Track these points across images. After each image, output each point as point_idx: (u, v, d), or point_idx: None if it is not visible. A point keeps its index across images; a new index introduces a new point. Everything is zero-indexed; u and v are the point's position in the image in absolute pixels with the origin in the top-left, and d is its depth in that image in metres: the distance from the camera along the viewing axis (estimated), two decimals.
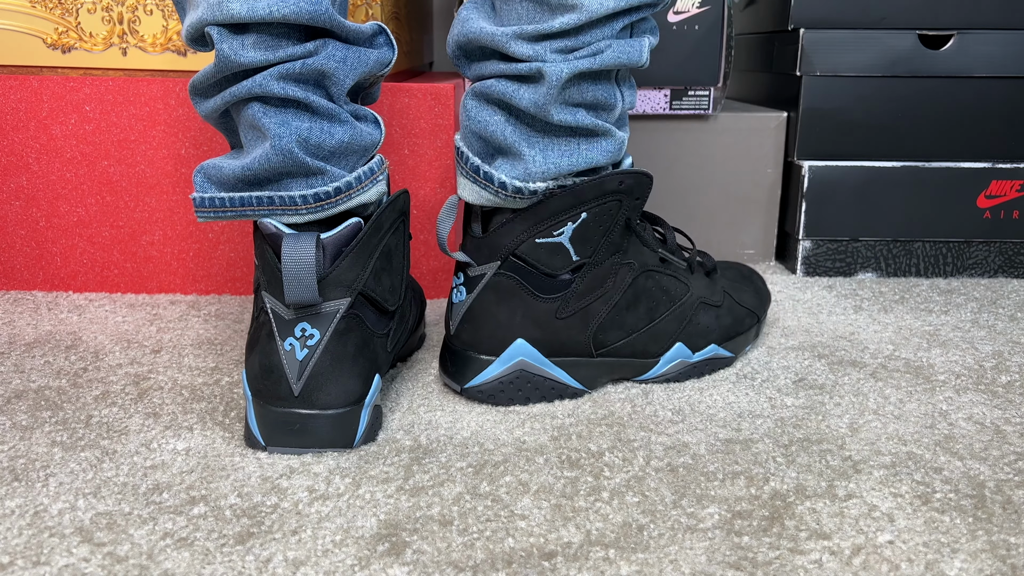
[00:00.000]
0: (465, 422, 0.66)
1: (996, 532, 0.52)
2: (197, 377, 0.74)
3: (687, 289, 0.74)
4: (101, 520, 0.53)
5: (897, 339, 0.84)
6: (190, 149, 0.91)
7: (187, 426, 0.65)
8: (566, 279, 0.68)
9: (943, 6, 1.00)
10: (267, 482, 0.57)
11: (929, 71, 1.02)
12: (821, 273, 1.06)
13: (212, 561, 0.49)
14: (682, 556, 0.50)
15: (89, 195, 0.92)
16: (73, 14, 0.92)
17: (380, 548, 0.50)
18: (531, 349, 0.68)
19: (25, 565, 0.49)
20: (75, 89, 0.90)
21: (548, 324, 0.68)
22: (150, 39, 0.92)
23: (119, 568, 0.49)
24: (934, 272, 1.06)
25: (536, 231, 0.66)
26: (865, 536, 0.52)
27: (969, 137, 1.04)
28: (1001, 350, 0.81)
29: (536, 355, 0.68)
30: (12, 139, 0.91)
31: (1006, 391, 0.73)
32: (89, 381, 0.73)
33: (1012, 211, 1.03)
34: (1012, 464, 0.61)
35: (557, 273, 0.67)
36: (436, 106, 0.91)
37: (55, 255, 0.95)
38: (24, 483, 0.57)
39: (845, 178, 1.03)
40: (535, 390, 0.69)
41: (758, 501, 0.55)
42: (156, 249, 0.94)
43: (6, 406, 0.68)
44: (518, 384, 0.69)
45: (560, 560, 0.49)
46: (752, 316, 0.79)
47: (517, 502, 0.55)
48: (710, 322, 0.75)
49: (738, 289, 0.80)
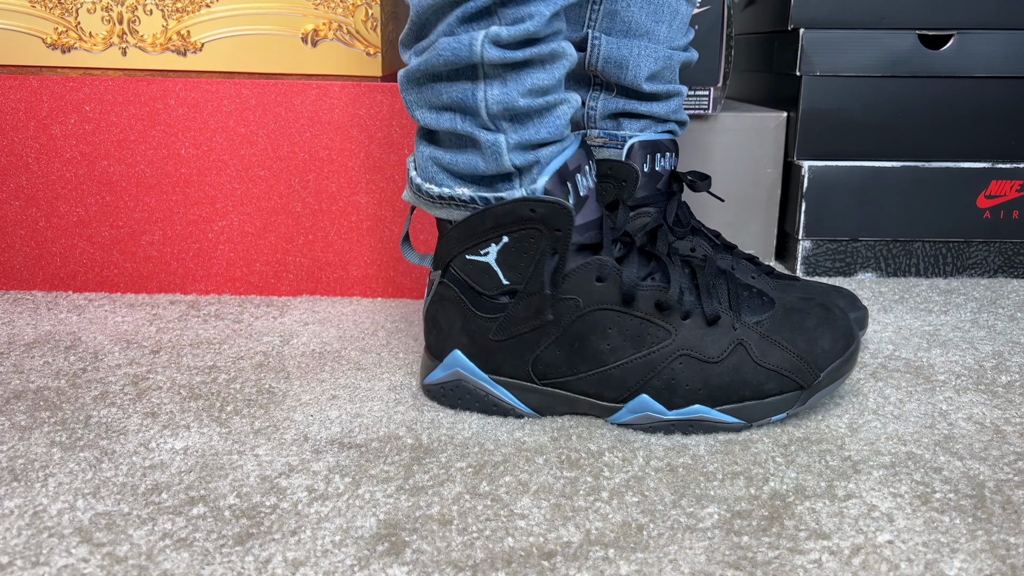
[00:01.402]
0: (467, 422, 0.66)
1: (996, 532, 0.52)
2: (196, 377, 0.74)
3: (667, 335, 0.64)
4: (100, 520, 0.53)
5: (897, 339, 0.84)
6: (190, 149, 0.91)
7: (185, 425, 0.65)
8: (503, 302, 0.65)
9: (943, 6, 1.00)
10: (266, 482, 0.57)
11: (929, 71, 1.02)
12: (821, 273, 1.06)
13: (211, 561, 0.49)
14: (682, 556, 0.50)
15: (89, 195, 0.92)
16: (73, 14, 0.92)
17: (380, 548, 0.50)
18: (467, 362, 0.67)
19: (24, 565, 0.49)
20: (75, 89, 0.90)
21: (483, 342, 0.66)
22: (150, 39, 0.92)
23: (118, 568, 0.49)
24: (934, 272, 1.06)
25: (464, 246, 0.65)
26: (865, 536, 0.52)
27: (969, 137, 1.04)
28: (1001, 350, 0.81)
29: (473, 368, 0.67)
30: (12, 139, 0.91)
31: (1006, 391, 0.72)
32: (88, 381, 0.73)
33: (1012, 211, 1.03)
34: (1012, 464, 0.60)
35: (492, 294, 0.65)
36: None
37: (55, 255, 0.94)
38: (23, 483, 0.57)
39: (845, 178, 1.03)
40: (475, 402, 0.68)
41: (757, 501, 0.55)
42: (156, 249, 0.94)
43: (5, 406, 0.68)
44: (458, 392, 0.68)
45: (560, 560, 0.49)
46: (783, 380, 0.64)
47: (517, 502, 0.55)
48: (692, 378, 0.64)
49: (791, 338, 0.65)
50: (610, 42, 0.78)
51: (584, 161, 0.64)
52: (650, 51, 0.78)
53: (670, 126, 0.83)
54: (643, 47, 0.78)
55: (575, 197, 0.63)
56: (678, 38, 0.81)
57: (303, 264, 0.94)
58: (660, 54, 0.79)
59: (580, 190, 0.64)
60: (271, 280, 0.95)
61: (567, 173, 0.63)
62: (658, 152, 0.80)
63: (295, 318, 0.89)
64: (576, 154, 0.64)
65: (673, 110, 0.82)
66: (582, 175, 0.64)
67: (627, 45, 0.78)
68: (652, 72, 0.79)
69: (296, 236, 0.94)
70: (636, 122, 0.81)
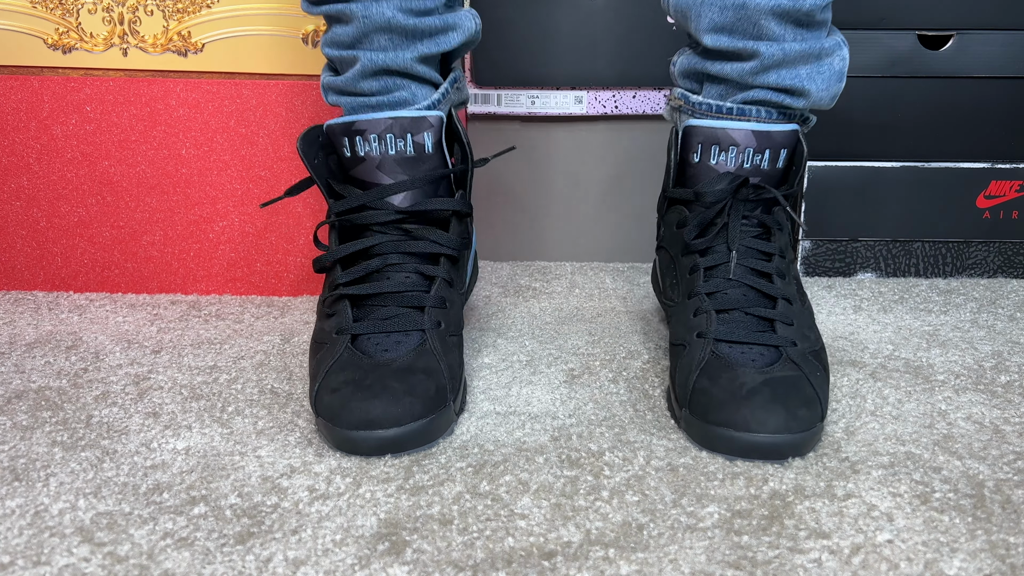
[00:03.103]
0: (466, 423, 0.66)
1: (995, 531, 0.52)
2: (197, 377, 0.74)
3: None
4: (101, 520, 0.53)
5: (896, 339, 0.84)
6: (191, 149, 0.91)
7: (187, 426, 0.65)
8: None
9: (943, 6, 1.00)
10: (267, 482, 0.57)
11: (929, 71, 1.02)
12: (820, 273, 1.06)
13: (212, 561, 0.49)
14: (682, 555, 0.50)
15: (90, 195, 0.93)
16: (74, 14, 0.92)
17: (380, 547, 0.51)
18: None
19: (25, 565, 0.49)
20: (76, 89, 0.90)
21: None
22: (151, 39, 0.92)
23: (119, 568, 0.49)
24: (933, 272, 1.06)
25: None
26: (864, 535, 0.52)
27: (969, 137, 1.04)
28: (1000, 350, 0.81)
29: None
30: (13, 139, 0.91)
31: (1005, 391, 0.73)
32: (89, 381, 0.73)
33: (1011, 211, 1.03)
34: (1011, 464, 0.61)
35: None
36: None
37: (56, 255, 0.95)
38: (24, 483, 0.57)
39: (845, 178, 1.03)
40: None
41: (757, 501, 0.55)
42: (157, 249, 0.94)
43: (6, 406, 0.68)
44: None
45: (560, 560, 0.50)
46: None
47: (517, 501, 0.55)
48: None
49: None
50: None
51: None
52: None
53: (755, 93, 0.68)
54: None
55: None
56: None
57: (304, 264, 0.95)
58: (731, 2, 0.67)
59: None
60: (272, 280, 0.95)
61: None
62: (716, 144, 0.68)
63: (296, 318, 0.89)
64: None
65: (752, 72, 0.68)
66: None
67: None
68: (717, 24, 0.68)
69: (297, 236, 0.94)
70: (715, 86, 0.72)
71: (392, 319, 0.66)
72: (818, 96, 0.71)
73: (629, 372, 0.75)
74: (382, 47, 0.71)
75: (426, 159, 0.70)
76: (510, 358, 0.78)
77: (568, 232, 1.09)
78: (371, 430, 0.59)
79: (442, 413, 0.62)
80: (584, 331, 0.85)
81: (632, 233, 1.09)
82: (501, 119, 1.05)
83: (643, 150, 1.07)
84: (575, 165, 1.07)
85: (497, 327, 0.86)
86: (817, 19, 0.69)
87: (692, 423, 0.62)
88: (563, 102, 1.03)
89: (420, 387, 0.62)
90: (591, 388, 0.72)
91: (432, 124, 0.69)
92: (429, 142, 0.69)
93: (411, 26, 0.70)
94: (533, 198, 1.08)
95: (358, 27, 0.70)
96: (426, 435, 0.61)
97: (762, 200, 0.69)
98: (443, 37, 0.72)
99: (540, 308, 0.92)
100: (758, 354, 0.64)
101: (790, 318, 0.66)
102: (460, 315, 0.72)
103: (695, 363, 0.64)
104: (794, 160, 0.71)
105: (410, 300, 0.67)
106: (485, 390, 0.72)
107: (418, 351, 0.64)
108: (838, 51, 0.71)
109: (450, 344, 0.67)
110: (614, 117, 1.05)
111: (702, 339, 0.66)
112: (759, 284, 0.68)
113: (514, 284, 1.00)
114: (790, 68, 0.69)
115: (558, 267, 1.07)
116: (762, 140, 0.68)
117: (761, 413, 0.59)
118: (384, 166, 0.69)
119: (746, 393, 0.60)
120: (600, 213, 1.08)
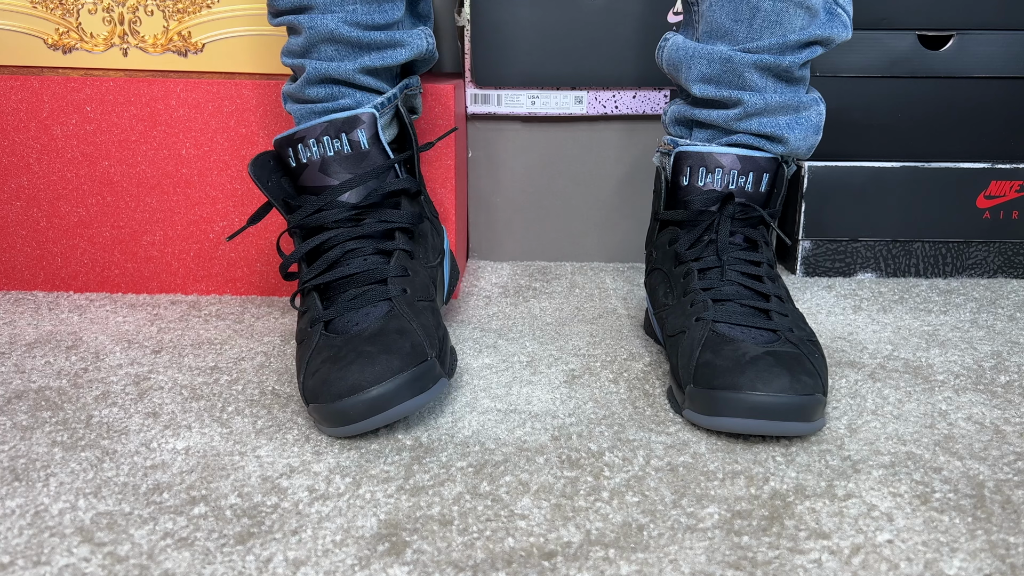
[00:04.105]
0: (466, 421, 0.66)
1: (995, 532, 0.52)
2: (197, 377, 0.74)
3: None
4: (101, 520, 0.53)
5: (896, 339, 0.84)
6: (191, 149, 0.91)
7: (187, 426, 0.65)
8: None
9: (943, 6, 1.00)
10: (267, 482, 0.58)
11: (929, 71, 1.02)
12: (820, 273, 1.06)
13: (212, 561, 0.49)
14: (682, 556, 0.50)
15: (90, 195, 0.93)
16: (74, 15, 0.92)
17: (380, 548, 0.51)
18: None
19: (25, 565, 0.49)
20: (76, 89, 0.90)
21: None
22: (151, 39, 0.92)
23: (119, 568, 0.49)
24: (933, 272, 1.06)
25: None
26: (864, 536, 0.52)
27: (968, 137, 1.04)
28: (1000, 350, 0.81)
29: None
30: (13, 139, 0.91)
31: (1005, 391, 0.73)
32: (89, 381, 0.73)
33: (1011, 211, 1.03)
34: (1011, 464, 0.61)
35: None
36: (436, 106, 0.91)
37: (56, 255, 0.95)
38: (24, 483, 0.57)
39: (845, 178, 1.03)
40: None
41: (758, 501, 0.55)
42: (157, 249, 0.94)
43: (6, 406, 0.68)
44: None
45: (560, 560, 0.50)
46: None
47: (517, 502, 0.55)
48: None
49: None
50: (675, 43, 0.76)
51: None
52: (706, 52, 0.74)
53: (738, 138, 0.75)
54: (700, 49, 0.74)
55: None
56: (760, 38, 0.72)
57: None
58: (718, 56, 0.73)
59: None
60: (272, 280, 0.95)
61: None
62: (703, 167, 0.73)
63: (296, 318, 0.89)
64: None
65: (736, 118, 0.74)
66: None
67: (688, 47, 0.75)
68: (705, 75, 0.74)
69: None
70: (702, 131, 0.77)
71: (358, 297, 0.68)
72: (796, 144, 0.75)
73: (630, 373, 0.75)
74: (328, 57, 0.75)
75: (364, 155, 0.73)
76: (510, 358, 0.78)
77: (568, 232, 1.09)
78: (355, 394, 0.60)
79: (424, 367, 0.63)
80: (585, 332, 0.85)
81: (632, 233, 1.09)
82: (501, 119, 1.05)
83: (643, 150, 1.07)
84: (575, 165, 1.07)
85: (497, 327, 0.86)
86: (796, 75, 0.75)
87: (696, 395, 0.64)
88: (563, 102, 1.03)
89: (394, 345, 0.63)
90: (591, 388, 0.72)
91: (364, 121, 0.72)
92: (364, 138, 0.72)
93: (355, 38, 0.74)
94: (533, 198, 1.08)
95: (307, 38, 0.74)
96: (412, 389, 0.61)
97: (748, 218, 0.74)
98: (390, 52, 0.76)
99: (540, 308, 0.92)
100: (757, 334, 0.67)
101: (784, 311, 0.69)
102: (428, 284, 0.73)
103: (696, 341, 0.66)
104: (775, 184, 0.75)
105: (372, 276, 0.69)
106: (486, 388, 0.72)
107: (387, 316, 0.66)
108: (815, 106, 0.76)
109: (420, 308, 0.69)
110: (614, 117, 1.05)
111: (701, 322, 0.68)
112: (752, 284, 0.71)
113: (514, 284, 1.00)
114: (771, 116, 0.74)
115: (558, 267, 1.07)
116: (746, 164, 0.73)
117: (766, 374, 0.61)
118: (327, 167, 0.72)
119: (750, 359, 0.62)
120: (600, 213, 1.08)
